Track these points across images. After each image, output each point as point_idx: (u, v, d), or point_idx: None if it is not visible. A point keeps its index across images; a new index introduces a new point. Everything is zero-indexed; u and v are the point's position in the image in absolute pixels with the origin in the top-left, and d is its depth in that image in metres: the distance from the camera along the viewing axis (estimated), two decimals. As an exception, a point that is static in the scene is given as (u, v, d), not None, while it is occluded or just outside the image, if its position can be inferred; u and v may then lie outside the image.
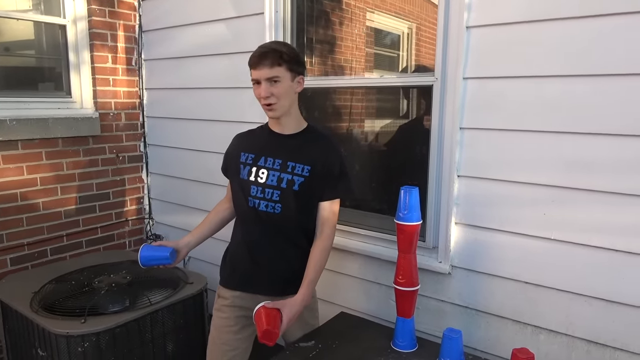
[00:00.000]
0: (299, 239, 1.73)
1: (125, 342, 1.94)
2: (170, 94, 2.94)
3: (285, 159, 1.67)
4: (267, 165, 1.68)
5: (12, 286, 2.25)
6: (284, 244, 1.72)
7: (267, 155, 1.69)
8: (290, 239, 1.72)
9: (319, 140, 1.73)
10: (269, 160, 1.68)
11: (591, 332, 1.62)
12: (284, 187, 1.66)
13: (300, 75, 1.65)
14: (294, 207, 1.67)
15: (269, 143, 1.71)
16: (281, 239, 1.71)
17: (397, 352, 1.71)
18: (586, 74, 1.52)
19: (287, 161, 1.67)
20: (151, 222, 3.20)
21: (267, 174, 1.67)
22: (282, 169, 1.66)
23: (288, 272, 1.72)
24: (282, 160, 1.67)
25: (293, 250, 1.73)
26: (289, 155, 1.67)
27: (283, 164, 1.67)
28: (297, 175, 1.66)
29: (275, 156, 1.68)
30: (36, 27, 2.75)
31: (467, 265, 1.86)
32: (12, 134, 2.49)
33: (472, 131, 1.78)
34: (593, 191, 1.55)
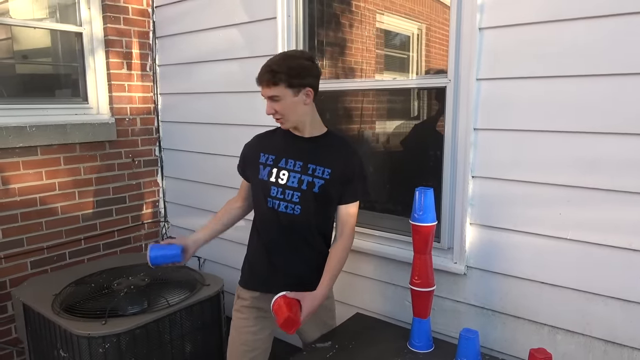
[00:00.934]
0: (317, 241, 1.75)
1: (145, 343, 1.97)
2: (184, 99, 2.98)
3: (306, 161, 1.69)
4: (288, 167, 1.69)
5: (33, 289, 2.30)
6: (301, 245, 1.74)
7: (288, 157, 1.71)
8: (308, 240, 1.74)
9: (339, 145, 1.75)
10: (289, 162, 1.70)
11: (608, 332, 1.62)
12: (304, 189, 1.68)
13: (307, 87, 1.63)
14: (313, 209, 1.69)
15: (290, 145, 1.73)
16: (299, 240, 1.73)
17: (414, 353, 1.72)
18: (602, 73, 1.52)
19: (307, 163, 1.69)
20: (167, 225, 3.24)
21: (287, 176, 1.69)
22: (302, 171, 1.68)
23: (305, 273, 1.74)
24: (302, 162, 1.69)
25: (310, 252, 1.75)
26: (309, 158, 1.70)
27: (304, 166, 1.69)
28: (317, 178, 1.68)
29: (296, 158, 1.70)
30: (52, 35, 2.80)
31: (483, 265, 1.86)
32: (32, 140, 2.55)
33: (486, 132, 1.79)
34: (609, 190, 1.55)
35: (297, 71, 1.61)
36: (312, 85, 1.64)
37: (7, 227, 2.51)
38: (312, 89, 1.65)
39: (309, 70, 1.64)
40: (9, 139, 2.45)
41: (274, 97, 1.62)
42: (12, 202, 2.52)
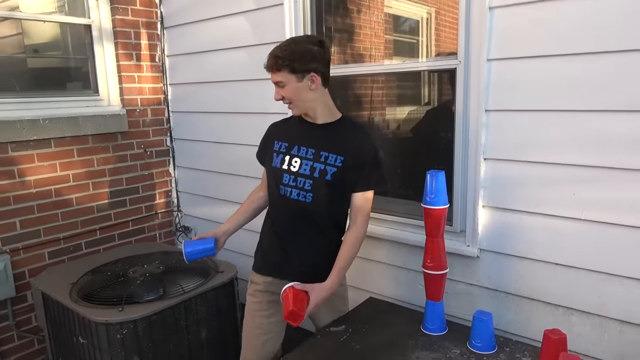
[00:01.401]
0: (329, 229, 1.75)
1: (161, 329, 2.01)
2: (194, 89, 2.98)
3: (318, 148, 1.68)
4: (301, 155, 1.70)
5: (52, 278, 2.35)
6: (313, 233, 1.74)
7: (301, 144, 1.71)
8: (320, 228, 1.74)
9: (353, 131, 1.73)
10: (302, 150, 1.70)
11: (624, 312, 1.61)
12: (316, 176, 1.67)
13: (311, 72, 1.60)
14: (325, 197, 1.69)
15: (303, 132, 1.73)
16: (311, 228, 1.73)
17: (427, 335, 1.73)
18: (616, 49, 1.49)
19: (320, 151, 1.68)
20: (180, 215, 3.27)
21: (300, 163, 1.69)
22: (315, 159, 1.68)
23: (317, 261, 1.74)
24: (315, 149, 1.69)
25: (322, 239, 1.75)
26: (322, 145, 1.68)
27: (316, 153, 1.68)
28: (329, 165, 1.67)
29: (308, 145, 1.70)
30: (62, 28, 2.82)
31: (496, 248, 1.85)
32: (45, 132, 2.58)
33: (497, 113, 1.77)
34: (624, 169, 1.53)
35: (301, 56, 1.59)
36: (317, 70, 1.61)
37: (24, 218, 2.56)
38: (317, 74, 1.62)
39: (313, 55, 1.60)
40: (23, 131, 2.49)
41: (279, 82, 1.63)
42: (28, 194, 2.56)
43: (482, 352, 1.60)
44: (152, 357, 2.00)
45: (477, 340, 1.62)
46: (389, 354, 1.61)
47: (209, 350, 2.22)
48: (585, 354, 1.67)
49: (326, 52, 1.65)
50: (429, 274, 1.71)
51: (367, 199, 1.71)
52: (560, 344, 1.43)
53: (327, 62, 1.66)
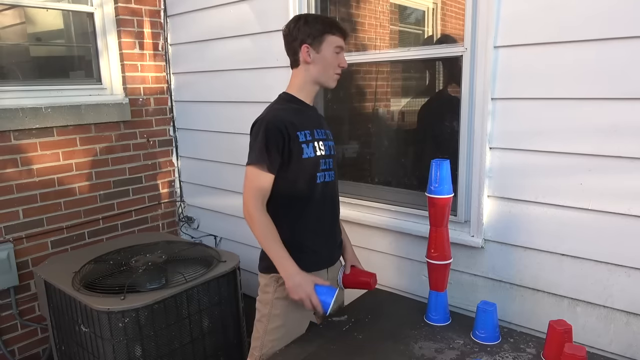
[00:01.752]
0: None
1: (163, 318, 2.00)
2: (197, 78, 2.96)
3: (323, 127, 1.73)
4: (321, 137, 1.69)
5: (54, 267, 2.34)
6: (337, 211, 1.80)
7: (314, 127, 1.68)
8: (339, 205, 1.81)
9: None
10: (319, 132, 1.69)
11: (631, 303, 1.59)
12: (333, 154, 1.73)
13: None
14: (338, 172, 1.77)
15: (310, 115, 1.71)
16: (338, 207, 1.79)
17: (431, 326, 1.71)
18: (626, 36, 1.46)
19: (325, 129, 1.73)
20: (182, 205, 3.27)
21: (323, 145, 1.68)
22: (327, 137, 1.72)
23: (339, 237, 1.82)
24: (323, 129, 1.72)
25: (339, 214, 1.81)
26: (323, 124, 1.75)
27: (325, 132, 1.73)
28: (332, 141, 1.75)
29: (318, 127, 1.70)
30: (65, 16, 2.80)
31: (501, 238, 1.83)
32: (48, 121, 2.57)
33: (504, 101, 1.74)
34: (632, 158, 1.50)
35: None
36: None
37: (27, 207, 2.55)
38: None
39: None
40: (25, 120, 2.48)
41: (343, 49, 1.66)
42: (31, 183, 2.56)
43: (485, 342, 1.58)
44: (154, 345, 1.99)
45: (481, 330, 1.60)
46: (392, 344, 1.59)
47: (211, 339, 2.22)
48: (590, 345, 1.65)
49: None
50: (432, 264, 1.69)
51: None
52: (566, 335, 1.42)
53: None
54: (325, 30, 1.60)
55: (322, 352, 1.57)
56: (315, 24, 1.60)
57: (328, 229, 1.75)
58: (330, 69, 1.63)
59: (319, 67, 1.62)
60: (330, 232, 1.76)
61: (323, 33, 1.59)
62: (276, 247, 1.56)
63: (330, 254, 1.77)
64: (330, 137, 1.75)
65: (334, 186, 1.74)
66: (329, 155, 1.70)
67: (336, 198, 1.78)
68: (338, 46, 1.61)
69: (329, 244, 1.76)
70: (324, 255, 1.75)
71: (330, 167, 1.70)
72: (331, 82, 1.67)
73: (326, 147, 1.69)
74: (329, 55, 1.61)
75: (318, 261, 1.71)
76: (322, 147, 1.67)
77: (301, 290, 1.53)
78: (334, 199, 1.76)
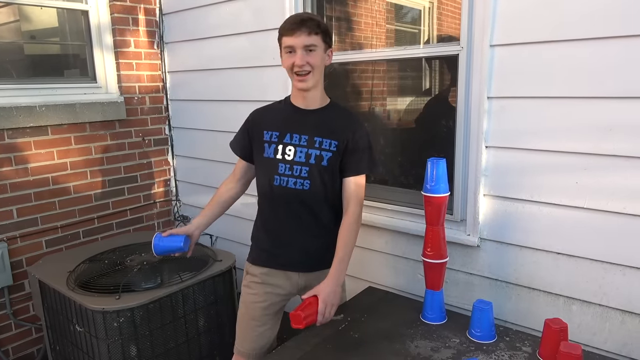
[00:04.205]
0: (326, 215, 1.72)
1: (159, 317, 1.99)
2: (193, 76, 2.95)
3: (311, 134, 1.65)
4: (294, 142, 1.65)
5: (49, 267, 2.33)
6: (311, 220, 1.71)
7: (293, 131, 1.66)
8: (318, 215, 1.71)
9: (343, 116, 1.72)
10: (294, 137, 1.66)
11: (626, 302, 1.59)
12: (312, 163, 1.64)
13: (330, 48, 1.65)
14: (321, 183, 1.66)
15: (293, 119, 1.69)
16: (308, 215, 1.70)
17: (427, 325, 1.71)
18: (622, 35, 1.46)
19: (313, 137, 1.65)
20: (178, 204, 3.25)
21: (294, 151, 1.65)
22: (309, 145, 1.65)
23: (318, 248, 1.72)
24: (308, 136, 1.65)
25: (321, 226, 1.72)
26: (315, 131, 1.65)
27: (310, 139, 1.65)
28: (324, 151, 1.64)
29: (300, 132, 1.66)
30: (60, 14, 2.78)
31: (497, 237, 1.83)
32: (42, 119, 2.55)
33: (500, 100, 1.74)
34: (627, 157, 1.50)
35: (329, 29, 1.63)
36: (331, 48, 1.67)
37: (21, 206, 2.54)
38: (332, 51, 1.68)
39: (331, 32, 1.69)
40: (19, 118, 2.46)
41: (311, 46, 1.56)
42: (25, 182, 2.54)
43: (481, 341, 1.58)
44: (150, 345, 1.99)
45: (477, 329, 1.60)
46: (388, 343, 1.59)
47: (207, 338, 2.21)
48: (586, 343, 1.65)
49: None
50: (428, 263, 1.69)
51: (358, 185, 1.68)
52: (561, 334, 1.42)
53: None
54: (280, 34, 1.61)
55: (319, 351, 1.57)
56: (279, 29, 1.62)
57: (280, 232, 1.74)
58: (288, 72, 1.62)
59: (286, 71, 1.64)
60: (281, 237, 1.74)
61: (280, 38, 1.62)
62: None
63: (275, 256, 1.75)
64: (325, 146, 1.64)
65: (304, 196, 1.66)
66: (302, 162, 1.64)
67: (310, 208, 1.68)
68: (287, 46, 1.58)
69: (278, 247, 1.75)
70: (267, 252, 1.76)
71: (300, 175, 1.64)
72: (295, 84, 1.62)
73: (301, 154, 1.64)
74: (283, 57, 1.62)
75: (260, 256, 1.77)
76: (290, 152, 1.65)
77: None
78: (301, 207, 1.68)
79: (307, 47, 1.56)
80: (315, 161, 1.64)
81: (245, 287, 1.82)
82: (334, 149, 1.65)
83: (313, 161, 1.64)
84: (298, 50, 1.56)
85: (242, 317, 1.82)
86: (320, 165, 1.65)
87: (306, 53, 1.57)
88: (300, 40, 1.55)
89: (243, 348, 1.82)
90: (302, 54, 1.56)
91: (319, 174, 1.65)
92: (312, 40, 1.56)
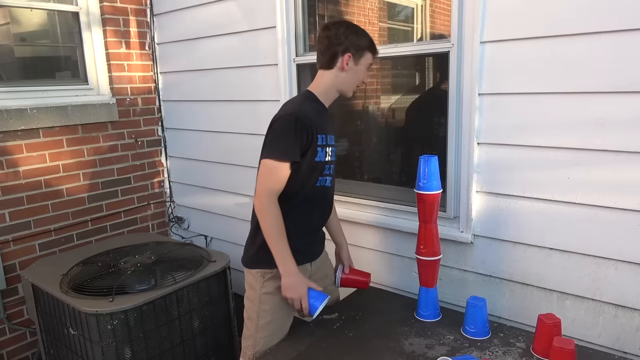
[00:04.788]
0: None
1: (153, 319, 1.98)
2: (185, 77, 2.94)
3: (332, 133, 1.73)
4: (331, 143, 1.69)
5: (42, 270, 2.31)
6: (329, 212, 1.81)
7: (329, 132, 1.69)
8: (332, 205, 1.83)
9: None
10: (330, 138, 1.69)
11: (619, 296, 1.60)
12: (334, 159, 1.74)
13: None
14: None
15: (325, 120, 1.70)
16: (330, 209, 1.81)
17: (421, 322, 1.71)
18: (611, 30, 1.46)
19: (333, 136, 1.73)
20: (172, 205, 3.24)
21: (331, 152, 1.69)
22: (334, 143, 1.73)
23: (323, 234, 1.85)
24: (333, 135, 1.73)
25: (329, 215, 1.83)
26: (332, 130, 1.74)
27: (334, 139, 1.74)
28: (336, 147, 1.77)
29: (330, 132, 1.70)
30: (50, 16, 2.77)
31: (490, 233, 1.84)
32: (33, 122, 2.54)
33: (491, 97, 1.74)
34: (618, 152, 1.51)
35: None
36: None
37: (13, 210, 2.52)
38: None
39: None
40: (10, 121, 2.44)
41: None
42: (17, 185, 2.52)
43: (475, 337, 1.59)
44: (144, 347, 1.98)
45: (471, 325, 1.60)
46: (382, 341, 1.59)
47: (202, 339, 2.20)
48: (579, 338, 1.66)
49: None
50: (422, 260, 1.69)
51: None
52: (555, 329, 1.43)
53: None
54: (368, 46, 1.65)
55: (313, 350, 1.57)
56: (362, 37, 1.64)
57: (313, 231, 1.76)
58: (357, 82, 1.68)
59: (350, 76, 1.65)
60: (314, 233, 1.77)
61: (366, 49, 1.64)
62: (282, 242, 1.57)
63: (312, 251, 1.78)
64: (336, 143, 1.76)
65: (330, 191, 1.75)
66: (333, 161, 1.72)
67: (331, 202, 1.79)
68: (370, 64, 1.69)
69: (312, 243, 1.77)
70: (306, 252, 1.73)
71: (331, 172, 1.72)
72: (351, 93, 1.72)
73: (333, 153, 1.71)
74: (362, 70, 1.66)
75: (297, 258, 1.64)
76: (331, 153, 1.69)
77: (295, 290, 1.57)
78: (327, 203, 1.76)
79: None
80: (336, 157, 1.75)
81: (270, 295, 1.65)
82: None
83: (334, 157, 1.74)
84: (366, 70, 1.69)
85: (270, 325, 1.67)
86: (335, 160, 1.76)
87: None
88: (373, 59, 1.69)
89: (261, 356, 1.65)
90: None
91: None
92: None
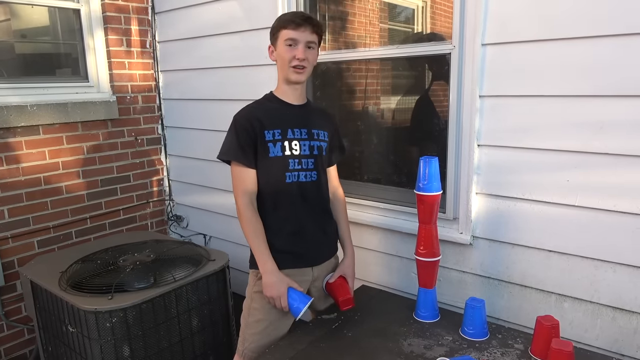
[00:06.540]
0: (328, 203, 1.82)
1: (152, 317, 1.98)
2: (185, 75, 2.94)
3: (308, 127, 1.70)
4: (296, 137, 1.67)
5: (41, 267, 2.31)
6: (321, 211, 1.77)
7: (292, 126, 1.67)
8: (324, 205, 1.79)
9: (322, 109, 1.92)
10: (295, 132, 1.67)
11: (617, 298, 1.60)
12: (316, 154, 1.70)
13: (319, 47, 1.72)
14: (322, 172, 1.74)
15: (289, 114, 1.69)
16: (319, 207, 1.76)
17: (420, 323, 1.72)
18: (611, 33, 1.47)
19: (311, 129, 1.71)
20: (171, 204, 3.24)
21: (299, 145, 1.67)
22: (309, 137, 1.70)
23: (325, 238, 1.80)
24: (306, 129, 1.70)
25: (327, 215, 1.81)
26: (310, 124, 1.71)
27: (309, 132, 1.70)
28: (322, 141, 1.73)
29: (299, 126, 1.68)
30: (51, 13, 2.76)
31: (489, 235, 1.84)
32: (33, 119, 2.53)
33: (492, 99, 1.74)
34: (618, 155, 1.52)
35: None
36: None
37: (12, 206, 2.52)
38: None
39: None
40: (10, 118, 2.44)
41: (311, 43, 1.63)
42: (16, 182, 2.52)
43: (474, 338, 1.59)
44: (143, 345, 1.98)
45: (470, 327, 1.61)
46: (381, 342, 1.60)
47: (200, 338, 2.20)
48: (577, 340, 1.67)
49: None
50: (421, 261, 1.69)
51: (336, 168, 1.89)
52: (553, 331, 1.43)
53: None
54: (279, 26, 1.63)
55: (312, 350, 1.57)
56: (275, 22, 1.65)
57: (293, 230, 1.68)
58: (286, 63, 1.62)
59: (279, 64, 1.66)
60: (296, 233, 1.68)
61: (278, 30, 1.63)
62: (258, 242, 1.63)
63: (303, 253, 1.71)
64: (322, 137, 1.73)
65: (311, 187, 1.69)
66: (306, 155, 1.67)
67: (317, 199, 1.73)
68: (288, 38, 1.60)
69: (296, 243, 1.69)
70: (292, 253, 1.69)
71: (308, 167, 1.68)
72: (291, 76, 1.64)
73: (305, 147, 1.67)
74: (282, 50, 1.62)
75: (284, 260, 1.65)
76: (297, 147, 1.66)
77: (273, 289, 1.60)
78: (309, 200, 1.69)
79: (309, 43, 1.62)
80: (318, 152, 1.72)
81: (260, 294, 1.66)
82: (327, 139, 1.76)
83: (316, 152, 1.71)
84: (300, 45, 1.60)
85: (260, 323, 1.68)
86: (322, 155, 1.73)
87: (308, 49, 1.63)
88: (304, 35, 1.60)
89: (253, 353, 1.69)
90: (304, 49, 1.61)
91: (320, 164, 1.73)
92: (313, 38, 1.63)
